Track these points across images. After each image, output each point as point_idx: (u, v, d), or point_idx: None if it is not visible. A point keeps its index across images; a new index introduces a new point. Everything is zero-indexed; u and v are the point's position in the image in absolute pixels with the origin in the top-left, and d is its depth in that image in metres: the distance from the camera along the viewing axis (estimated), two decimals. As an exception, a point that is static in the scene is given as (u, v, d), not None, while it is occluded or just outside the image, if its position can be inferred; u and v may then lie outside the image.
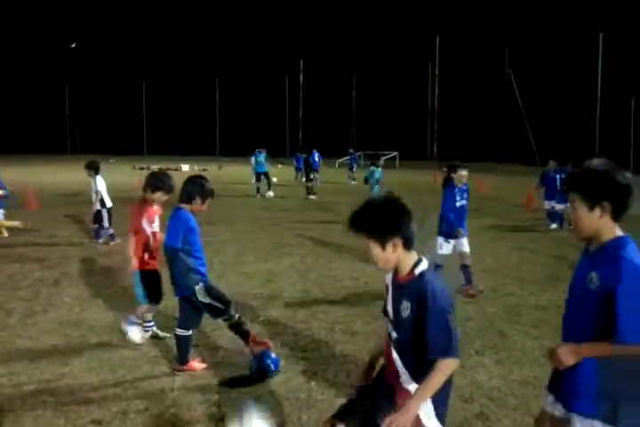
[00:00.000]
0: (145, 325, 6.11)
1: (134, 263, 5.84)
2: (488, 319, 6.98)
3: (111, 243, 11.49)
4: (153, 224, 5.99)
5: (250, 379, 5.12)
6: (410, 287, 3.01)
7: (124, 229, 13.01)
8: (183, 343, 5.33)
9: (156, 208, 6.08)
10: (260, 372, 5.14)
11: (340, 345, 6.02)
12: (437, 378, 2.79)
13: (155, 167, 38.19)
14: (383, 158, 17.02)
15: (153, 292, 5.95)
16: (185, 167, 39.25)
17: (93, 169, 11.77)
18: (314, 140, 56.62)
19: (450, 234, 8.04)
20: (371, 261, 3.20)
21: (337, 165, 44.87)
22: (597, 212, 2.76)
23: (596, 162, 2.84)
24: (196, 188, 5.19)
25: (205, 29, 66.36)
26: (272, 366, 5.17)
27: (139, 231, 5.91)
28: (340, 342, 6.14)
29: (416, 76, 56.97)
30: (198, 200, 5.19)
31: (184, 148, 60.12)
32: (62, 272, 9.09)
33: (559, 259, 10.57)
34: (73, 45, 68.81)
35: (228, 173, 34.17)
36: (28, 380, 5.13)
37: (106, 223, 11.67)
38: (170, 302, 6.23)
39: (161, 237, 5.81)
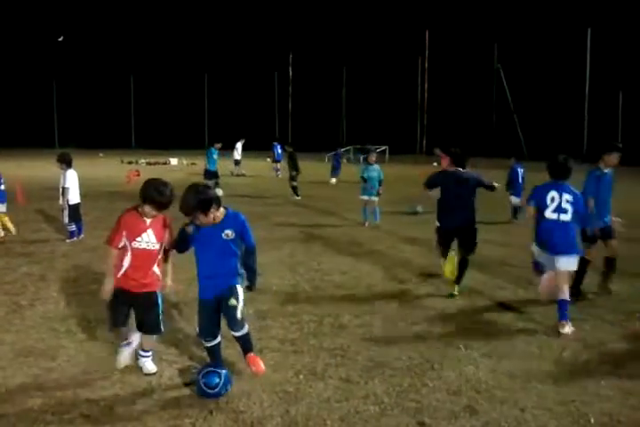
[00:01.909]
0: (141, 353, 5.30)
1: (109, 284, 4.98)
2: (477, 312, 7.01)
3: (67, 240, 11.09)
4: (134, 240, 4.92)
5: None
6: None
7: (106, 225, 12.91)
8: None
9: (149, 222, 4.97)
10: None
11: (328, 338, 6.02)
12: None
13: (143, 161, 38.14)
14: (375, 153, 14.67)
15: (117, 314, 5.11)
16: (174, 161, 39.11)
17: (65, 162, 10.99)
18: (303, 134, 56.76)
19: None
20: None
21: (326, 159, 44.85)
22: None
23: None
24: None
25: (194, 22, 66.03)
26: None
27: (116, 245, 4.95)
28: (329, 335, 6.14)
29: (406, 70, 56.97)
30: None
31: (173, 141, 59.90)
32: (49, 267, 9.04)
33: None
34: (60, 39, 68.27)
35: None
36: (14, 374, 5.10)
37: (65, 219, 11.20)
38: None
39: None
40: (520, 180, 14.82)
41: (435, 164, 38.09)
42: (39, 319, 6.53)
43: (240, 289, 5.00)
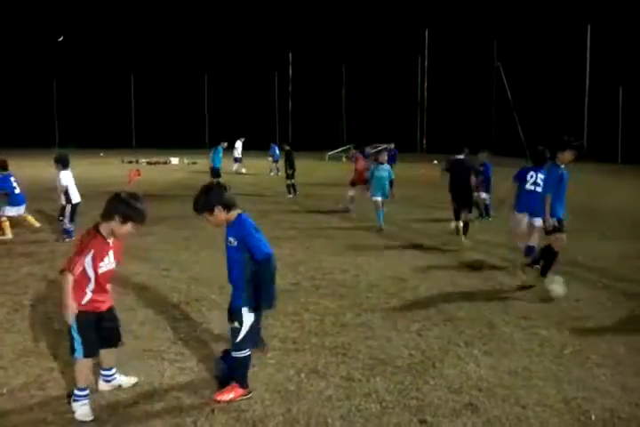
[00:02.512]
0: (103, 373, 4.90)
1: (73, 308, 4.41)
2: (477, 310, 7.01)
3: (66, 240, 11.05)
4: (99, 264, 4.49)
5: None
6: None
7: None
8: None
9: (112, 243, 4.60)
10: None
11: (330, 337, 6.03)
12: None
13: (144, 161, 38.12)
14: (386, 152, 13.78)
15: (90, 340, 4.55)
16: (174, 160, 39.11)
17: (61, 163, 11.14)
18: (303, 132, 56.75)
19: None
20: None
21: (327, 157, 44.86)
22: None
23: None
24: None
25: (194, 22, 65.97)
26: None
27: (76, 272, 4.39)
28: (330, 333, 6.14)
29: (405, 69, 56.92)
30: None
31: (173, 141, 59.85)
32: (51, 267, 9.04)
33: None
34: (60, 39, 68.25)
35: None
36: (16, 374, 5.11)
37: (66, 219, 11.24)
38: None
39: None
40: (489, 175, 14.50)
41: (435, 161, 38.13)
42: (41, 319, 6.54)
43: (244, 311, 4.57)
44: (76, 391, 4.46)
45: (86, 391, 4.47)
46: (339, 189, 18.62)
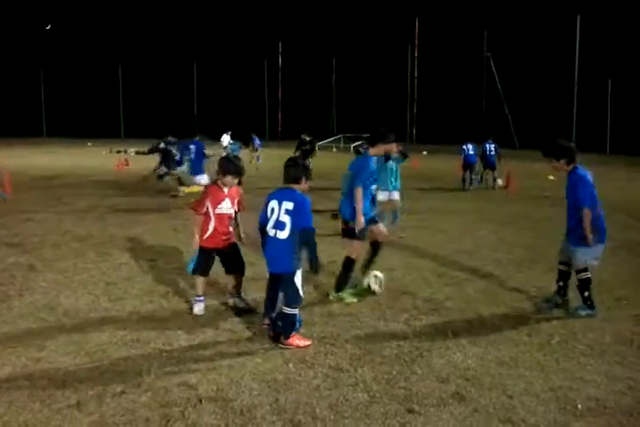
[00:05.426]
0: (196, 298, 6.48)
1: (196, 240, 6.36)
2: (465, 300, 7.04)
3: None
4: (218, 206, 6.27)
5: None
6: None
7: (95, 215, 12.90)
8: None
9: (227, 191, 6.34)
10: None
11: (318, 327, 6.03)
12: None
13: (132, 150, 37.87)
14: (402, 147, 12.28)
15: (202, 267, 6.40)
16: (163, 150, 38.81)
17: None
18: (293, 122, 56.58)
19: None
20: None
21: (317, 147, 44.75)
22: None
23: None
24: (300, 169, 5.71)
25: (183, 10, 65.45)
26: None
27: (201, 212, 6.30)
28: (319, 323, 6.15)
29: (396, 58, 56.74)
30: (304, 180, 5.70)
31: (162, 130, 59.36)
32: (37, 257, 8.99)
33: (537, 241, 10.67)
34: (48, 27, 67.55)
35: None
36: (2, 364, 5.09)
37: None
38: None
39: (230, 219, 6.42)
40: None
41: (424, 152, 38.17)
42: (27, 309, 6.50)
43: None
44: (196, 297, 6.46)
45: (202, 297, 6.44)
46: (332, 181, 18.57)
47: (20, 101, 66.80)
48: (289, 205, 5.51)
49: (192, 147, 15.37)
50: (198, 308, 6.38)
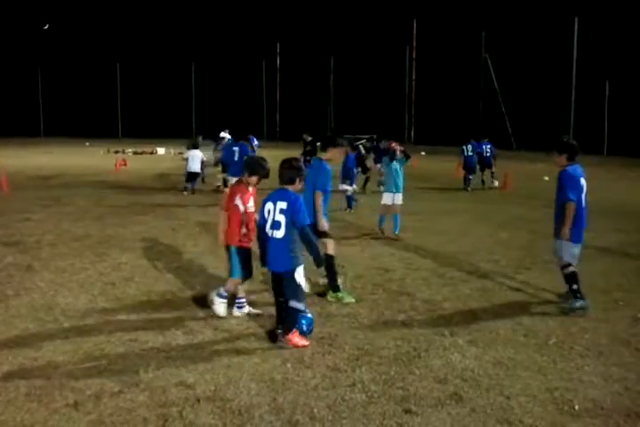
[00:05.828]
0: (237, 301, 6.43)
1: (221, 237, 6.50)
2: (462, 301, 7.05)
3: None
4: (247, 204, 6.36)
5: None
6: None
7: (93, 214, 12.87)
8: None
9: (251, 190, 6.47)
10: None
11: (316, 327, 6.02)
12: None
13: (130, 151, 37.88)
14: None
15: (247, 267, 6.38)
16: (161, 151, 38.85)
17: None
18: (291, 122, 56.55)
19: None
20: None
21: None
22: None
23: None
24: (294, 171, 5.79)
25: (182, 10, 65.40)
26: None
27: (229, 209, 6.38)
28: (316, 324, 6.13)
29: (394, 59, 56.76)
30: (298, 181, 5.82)
31: (160, 131, 59.41)
32: (35, 256, 8.98)
33: (534, 242, 10.69)
34: (46, 27, 67.45)
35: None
36: (0, 363, 5.08)
37: None
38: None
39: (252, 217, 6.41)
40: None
41: (422, 153, 38.22)
42: (25, 309, 6.49)
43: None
44: (222, 292, 6.34)
45: (226, 295, 6.33)
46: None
47: (17, 101, 66.62)
48: (283, 205, 5.61)
49: (235, 149, 15.07)
50: (224, 309, 6.32)
